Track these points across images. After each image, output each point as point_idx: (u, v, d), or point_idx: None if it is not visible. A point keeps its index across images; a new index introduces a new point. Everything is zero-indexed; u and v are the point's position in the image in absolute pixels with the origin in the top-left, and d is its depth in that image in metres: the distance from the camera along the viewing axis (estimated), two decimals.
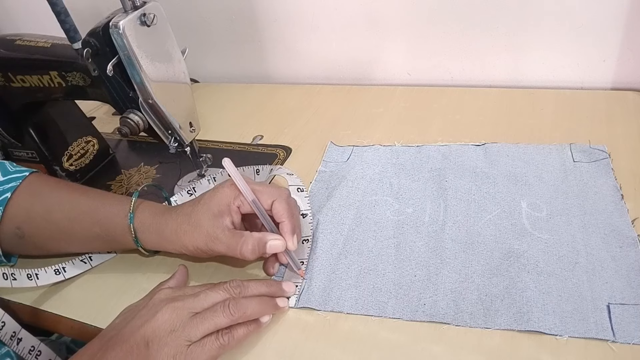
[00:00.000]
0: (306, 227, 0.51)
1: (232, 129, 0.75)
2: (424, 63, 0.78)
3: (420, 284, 0.44)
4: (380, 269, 0.46)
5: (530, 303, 0.40)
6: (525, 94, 0.68)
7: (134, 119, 0.53)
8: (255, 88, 0.88)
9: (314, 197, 0.57)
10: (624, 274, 0.41)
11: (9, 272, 0.48)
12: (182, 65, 0.55)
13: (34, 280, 0.49)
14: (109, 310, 0.48)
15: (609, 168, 0.52)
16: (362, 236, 0.50)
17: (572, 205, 0.48)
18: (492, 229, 0.48)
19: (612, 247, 0.43)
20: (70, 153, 0.69)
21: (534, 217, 0.48)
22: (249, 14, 0.84)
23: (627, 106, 0.62)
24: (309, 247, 0.50)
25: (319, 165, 0.62)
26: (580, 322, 0.38)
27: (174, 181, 0.65)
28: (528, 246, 0.45)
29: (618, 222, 0.46)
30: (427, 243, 0.48)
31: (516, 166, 0.55)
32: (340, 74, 0.84)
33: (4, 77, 0.60)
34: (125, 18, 0.47)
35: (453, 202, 0.52)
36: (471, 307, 0.41)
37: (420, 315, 0.41)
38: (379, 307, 0.43)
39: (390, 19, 0.75)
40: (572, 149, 0.55)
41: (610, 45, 0.65)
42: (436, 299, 0.42)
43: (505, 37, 0.70)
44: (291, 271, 0.48)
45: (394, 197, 0.55)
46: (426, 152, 0.60)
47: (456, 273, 0.44)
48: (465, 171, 0.56)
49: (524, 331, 0.38)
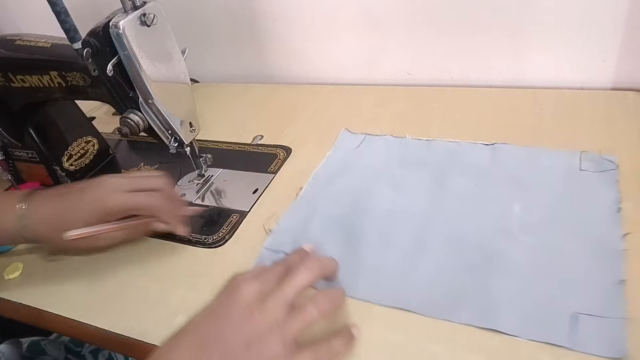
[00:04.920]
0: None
1: (232, 129, 0.75)
2: (424, 63, 0.78)
3: (396, 272, 0.45)
4: (362, 254, 0.48)
5: (497, 303, 0.40)
6: (525, 94, 0.68)
7: (134, 119, 0.53)
8: (255, 88, 0.88)
9: (317, 179, 0.59)
10: (600, 286, 0.40)
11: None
12: (182, 65, 0.55)
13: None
14: (109, 310, 0.48)
15: (614, 180, 0.50)
16: (352, 221, 0.52)
17: (566, 213, 0.48)
18: (479, 228, 0.48)
19: (596, 259, 0.43)
20: (70, 153, 0.69)
21: (524, 221, 0.48)
22: (249, 14, 0.84)
23: (627, 106, 0.62)
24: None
25: (323, 158, 0.63)
26: (543, 328, 0.38)
27: (174, 181, 0.65)
28: (510, 248, 0.45)
29: (608, 234, 0.44)
30: (412, 234, 0.49)
31: (520, 169, 0.54)
32: (340, 74, 0.84)
33: (4, 77, 0.60)
34: (125, 18, 0.47)
35: (447, 198, 0.52)
36: (439, 299, 0.42)
37: (387, 300, 0.43)
38: (351, 288, 0.44)
39: (390, 19, 0.75)
40: (582, 157, 0.54)
41: (610, 45, 0.65)
42: (407, 287, 0.43)
43: (506, 37, 0.70)
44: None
45: (393, 187, 0.56)
46: (434, 146, 0.61)
47: (433, 265, 0.45)
48: (468, 169, 0.56)
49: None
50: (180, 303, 0.47)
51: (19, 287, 0.53)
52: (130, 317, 0.47)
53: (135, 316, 0.47)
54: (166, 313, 0.46)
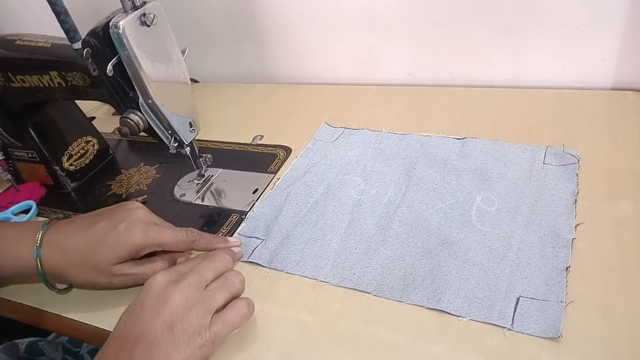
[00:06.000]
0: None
1: (232, 129, 0.75)
2: (424, 63, 0.78)
3: (357, 256, 0.48)
4: (328, 239, 0.51)
5: (446, 286, 0.43)
6: (525, 94, 0.68)
7: (134, 119, 0.53)
8: (255, 88, 0.88)
9: (294, 170, 0.62)
10: (546, 272, 0.43)
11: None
12: (182, 65, 0.55)
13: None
14: (109, 310, 0.48)
15: (574, 173, 0.52)
16: (323, 209, 0.55)
17: (524, 204, 0.50)
18: (439, 217, 0.51)
19: (546, 247, 0.45)
20: (70, 153, 0.69)
21: (483, 211, 0.50)
22: (249, 14, 0.84)
23: (627, 106, 0.62)
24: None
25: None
26: (486, 309, 0.41)
27: (174, 181, 0.65)
28: (465, 236, 0.48)
29: (561, 224, 0.47)
30: (377, 222, 0.51)
31: (485, 162, 0.57)
32: (340, 74, 0.84)
33: (4, 77, 0.60)
34: (125, 18, 0.47)
35: (414, 189, 0.55)
36: (393, 282, 0.45)
37: (347, 283, 0.46)
38: (315, 271, 0.47)
39: (390, 19, 0.75)
40: (547, 152, 0.56)
41: (610, 45, 0.65)
42: (365, 271, 0.46)
43: (505, 37, 0.70)
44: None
45: (364, 178, 0.58)
46: (407, 140, 0.63)
47: (392, 251, 0.48)
48: (435, 161, 0.58)
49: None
50: None
51: (19, 287, 0.53)
52: None
53: None
54: None
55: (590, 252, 0.44)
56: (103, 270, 0.45)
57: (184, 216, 0.59)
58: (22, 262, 0.46)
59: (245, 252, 0.51)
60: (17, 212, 0.64)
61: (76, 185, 0.69)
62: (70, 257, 0.45)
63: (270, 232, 0.53)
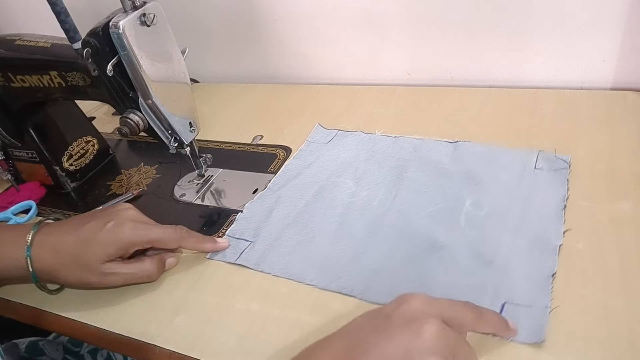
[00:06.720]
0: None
1: (232, 129, 0.75)
2: (424, 63, 0.78)
3: (344, 260, 0.48)
4: (316, 242, 0.50)
5: (432, 290, 0.41)
6: (525, 94, 0.68)
7: (134, 119, 0.53)
8: (255, 88, 0.88)
9: (287, 172, 0.62)
10: (532, 278, 0.42)
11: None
12: (182, 65, 0.55)
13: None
14: (109, 310, 0.48)
15: (565, 179, 0.52)
16: (313, 212, 0.54)
17: (513, 209, 0.49)
18: (428, 221, 0.50)
19: (533, 253, 0.44)
20: (70, 153, 0.69)
21: (472, 215, 0.50)
22: (249, 14, 0.84)
23: (627, 106, 0.62)
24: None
25: None
26: None
27: (174, 181, 0.65)
28: (453, 241, 0.47)
29: (549, 230, 0.46)
30: (366, 225, 0.51)
31: (477, 165, 0.56)
32: (341, 74, 0.84)
33: (4, 77, 0.60)
34: (125, 18, 0.47)
35: (404, 192, 0.54)
36: (379, 287, 0.44)
37: (332, 286, 0.45)
38: (302, 274, 0.47)
39: (390, 19, 0.75)
40: (539, 157, 0.55)
41: (610, 45, 0.65)
42: (352, 275, 0.46)
43: (505, 37, 0.70)
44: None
45: (355, 180, 0.58)
46: (401, 143, 0.63)
47: (380, 255, 0.47)
48: (427, 165, 0.58)
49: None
50: (180, 303, 0.47)
51: (19, 288, 0.53)
52: (130, 317, 0.47)
53: (135, 316, 0.47)
54: (166, 313, 0.46)
55: (590, 252, 0.44)
56: (93, 270, 0.45)
57: (184, 216, 0.59)
58: (13, 263, 0.46)
59: (233, 253, 0.51)
60: (17, 212, 0.64)
61: (76, 185, 0.69)
62: (62, 257, 0.45)
63: (260, 234, 0.52)
